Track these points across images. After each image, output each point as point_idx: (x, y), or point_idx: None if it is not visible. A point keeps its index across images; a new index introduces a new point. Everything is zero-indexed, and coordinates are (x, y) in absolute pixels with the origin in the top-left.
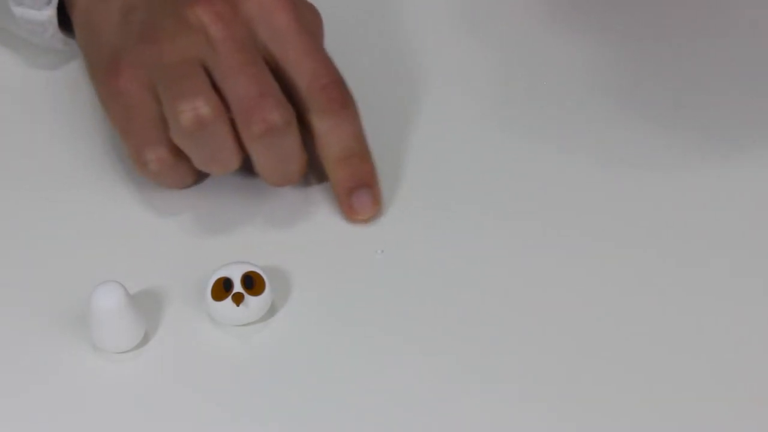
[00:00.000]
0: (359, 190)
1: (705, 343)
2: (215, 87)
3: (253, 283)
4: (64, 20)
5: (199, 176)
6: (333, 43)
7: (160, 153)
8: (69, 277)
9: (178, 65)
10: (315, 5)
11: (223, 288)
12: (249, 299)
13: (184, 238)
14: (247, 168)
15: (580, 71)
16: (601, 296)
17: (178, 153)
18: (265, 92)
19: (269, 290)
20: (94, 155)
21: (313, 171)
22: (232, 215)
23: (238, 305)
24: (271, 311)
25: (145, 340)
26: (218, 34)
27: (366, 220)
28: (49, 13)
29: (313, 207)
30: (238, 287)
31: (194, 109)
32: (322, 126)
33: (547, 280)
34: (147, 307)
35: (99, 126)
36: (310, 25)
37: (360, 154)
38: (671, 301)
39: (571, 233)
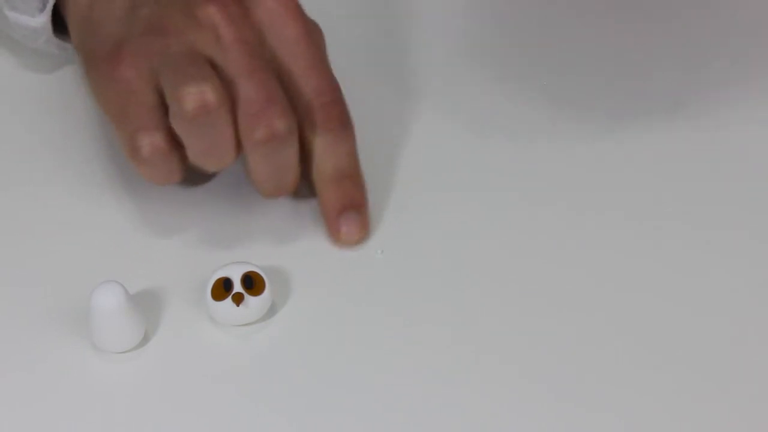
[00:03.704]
0: (348, 213)
1: (709, 345)
2: None
3: (253, 283)
4: (59, 22)
5: (185, 176)
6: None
7: (156, 139)
8: (69, 277)
9: (185, 55)
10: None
11: (223, 288)
12: (249, 299)
13: (184, 238)
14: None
15: (579, 71)
16: (602, 297)
17: (173, 142)
18: (272, 99)
19: (269, 290)
20: (94, 155)
21: (306, 185)
22: (232, 215)
23: (238, 305)
24: (271, 311)
25: (145, 340)
26: (229, 35)
27: (351, 244)
28: (43, 20)
29: (313, 207)
30: (238, 287)
31: (201, 93)
32: (318, 143)
33: (548, 279)
34: (147, 307)
35: (98, 128)
36: (317, 39)
37: (352, 176)
38: (671, 296)
39: (570, 232)
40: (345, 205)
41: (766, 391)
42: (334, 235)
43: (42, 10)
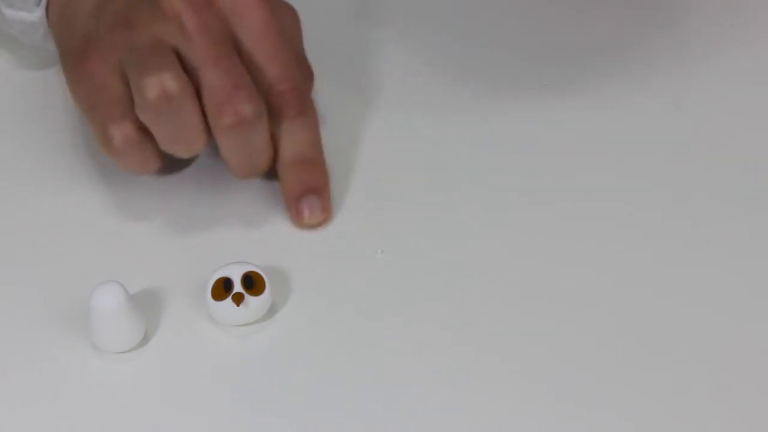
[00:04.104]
0: (307, 196)
1: (709, 344)
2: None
3: (253, 283)
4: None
5: (164, 165)
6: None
7: (126, 129)
8: (69, 277)
9: (149, 46)
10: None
11: (223, 288)
12: (249, 299)
13: (184, 238)
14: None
15: (577, 70)
16: (602, 296)
17: (143, 131)
18: (238, 84)
19: (269, 290)
20: (94, 154)
21: (271, 172)
22: (233, 215)
23: (238, 305)
24: (271, 311)
25: (145, 340)
26: (192, 23)
27: (313, 227)
28: (40, 14)
29: None
30: (238, 287)
31: (161, 81)
32: (277, 131)
33: (548, 277)
34: (147, 307)
35: None
36: (285, 25)
37: (311, 161)
38: (672, 295)
39: (570, 232)
40: (304, 189)
41: (766, 391)
42: (295, 219)
43: (38, 4)
